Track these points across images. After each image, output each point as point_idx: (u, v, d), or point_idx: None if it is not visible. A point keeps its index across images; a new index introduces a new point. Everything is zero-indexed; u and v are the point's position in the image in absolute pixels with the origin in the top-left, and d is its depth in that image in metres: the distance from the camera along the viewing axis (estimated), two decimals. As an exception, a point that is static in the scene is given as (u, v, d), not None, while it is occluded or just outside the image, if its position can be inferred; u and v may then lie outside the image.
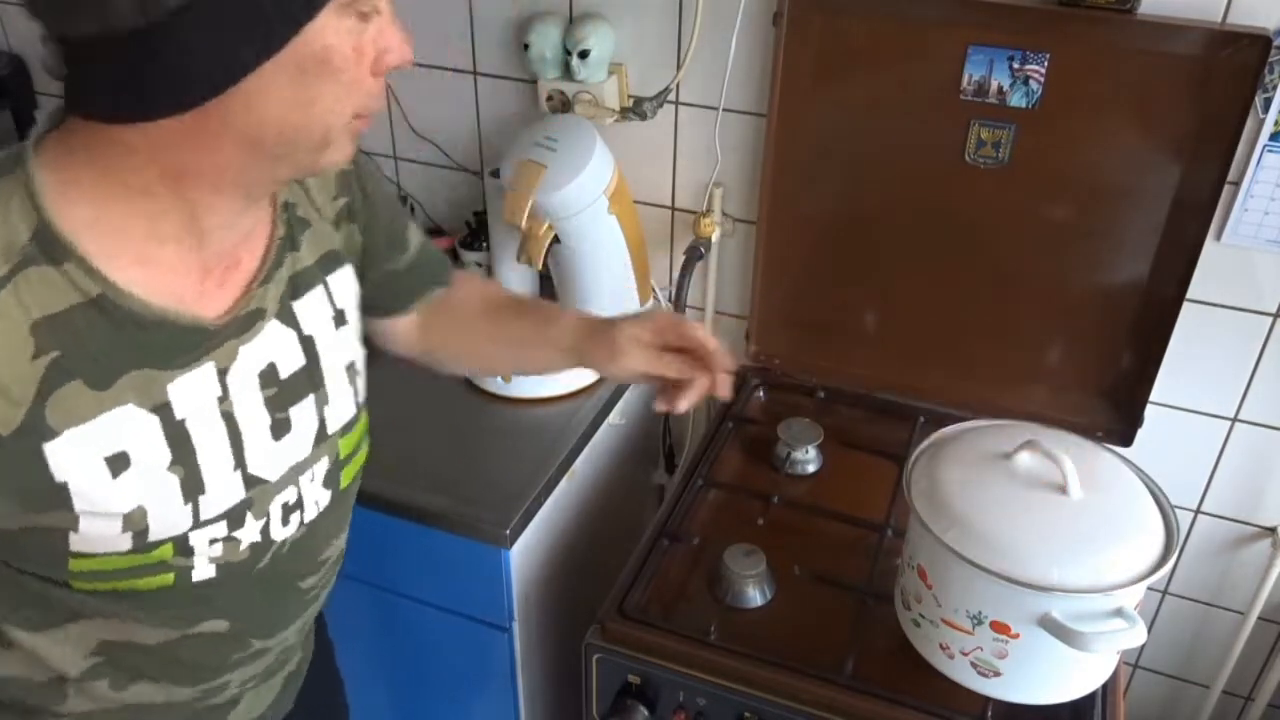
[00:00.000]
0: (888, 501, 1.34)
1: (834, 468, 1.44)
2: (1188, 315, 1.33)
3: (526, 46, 1.48)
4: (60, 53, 0.65)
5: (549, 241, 1.40)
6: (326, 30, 0.65)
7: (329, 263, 0.88)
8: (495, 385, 1.43)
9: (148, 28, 0.60)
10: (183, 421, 0.74)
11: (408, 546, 1.33)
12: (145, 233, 0.70)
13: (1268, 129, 1.23)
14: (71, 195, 0.67)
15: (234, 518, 0.79)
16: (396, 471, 1.29)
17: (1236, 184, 1.28)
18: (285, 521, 0.85)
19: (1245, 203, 1.29)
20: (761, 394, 1.59)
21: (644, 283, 1.52)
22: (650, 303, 1.47)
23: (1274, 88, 1.20)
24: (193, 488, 0.76)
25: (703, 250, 1.53)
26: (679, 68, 1.46)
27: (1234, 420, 1.44)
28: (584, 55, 1.43)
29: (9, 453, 0.66)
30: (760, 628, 1.18)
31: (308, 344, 0.84)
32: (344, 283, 0.90)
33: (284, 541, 0.85)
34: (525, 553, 1.30)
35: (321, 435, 0.86)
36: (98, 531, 0.72)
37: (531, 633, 1.39)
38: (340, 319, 0.88)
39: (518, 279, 1.58)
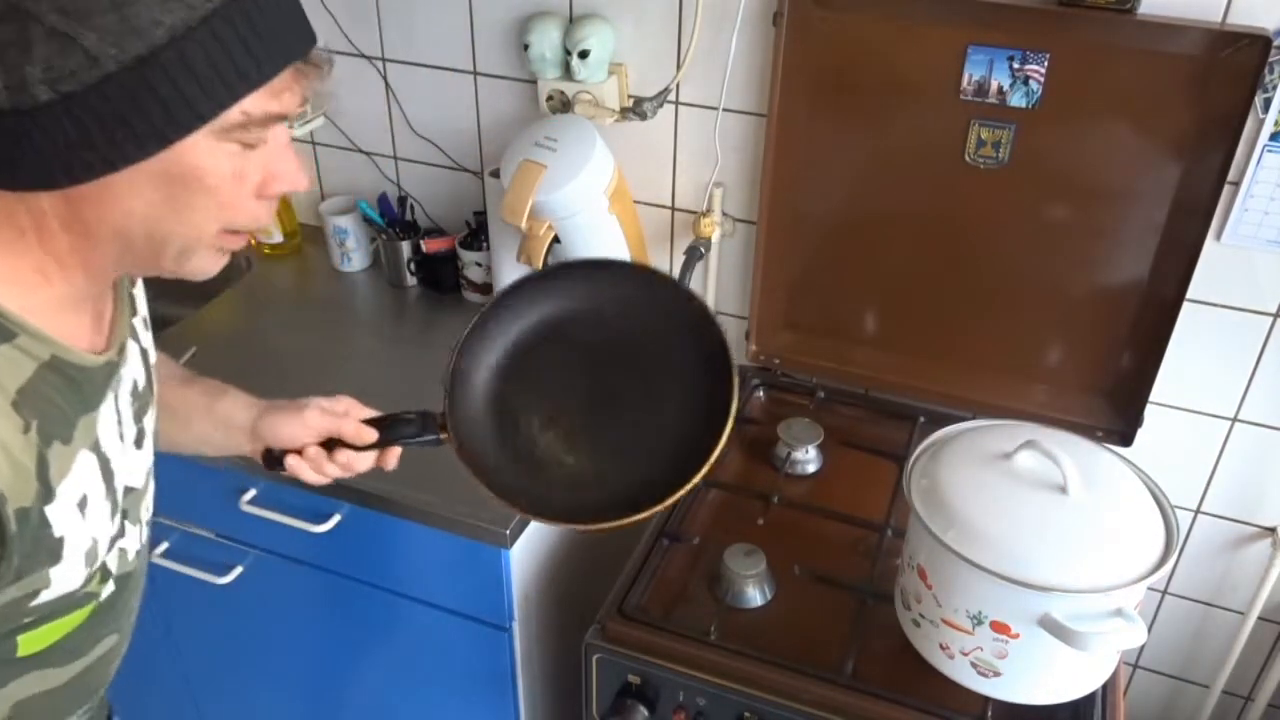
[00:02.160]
0: (888, 501, 1.34)
1: (834, 468, 1.44)
2: (1188, 315, 1.32)
3: (526, 46, 1.48)
4: None
5: (549, 241, 1.40)
6: (199, 150, 0.66)
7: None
8: (495, 385, 1.43)
9: (13, 111, 0.62)
10: (105, 452, 0.77)
11: (408, 546, 1.33)
12: (46, 297, 0.72)
13: (1268, 129, 1.23)
14: None
15: (121, 529, 0.82)
16: (397, 471, 1.28)
17: (1236, 184, 1.27)
18: (147, 524, 0.89)
19: (1245, 203, 1.29)
20: (761, 394, 1.59)
21: (644, 283, 1.51)
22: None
23: (1274, 88, 1.20)
24: (112, 509, 0.79)
25: (703, 250, 1.53)
26: (679, 68, 1.46)
27: (1234, 420, 1.44)
28: (584, 55, 1.43)
29: (32, 523, 0.68)
30: (760, 628, 1.18)
31: (144, 356, 0.88)
32: (140, 291, 0.92)
33: (145, 542, 0.89)
34: (525, 553, 1.30)
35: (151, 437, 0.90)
36: (65, 579, 0.74)
37: (531, 633, 1.39)
38: (146, 324, 0.91)
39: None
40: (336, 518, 1.32)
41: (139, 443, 0.85)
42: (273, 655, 1.58)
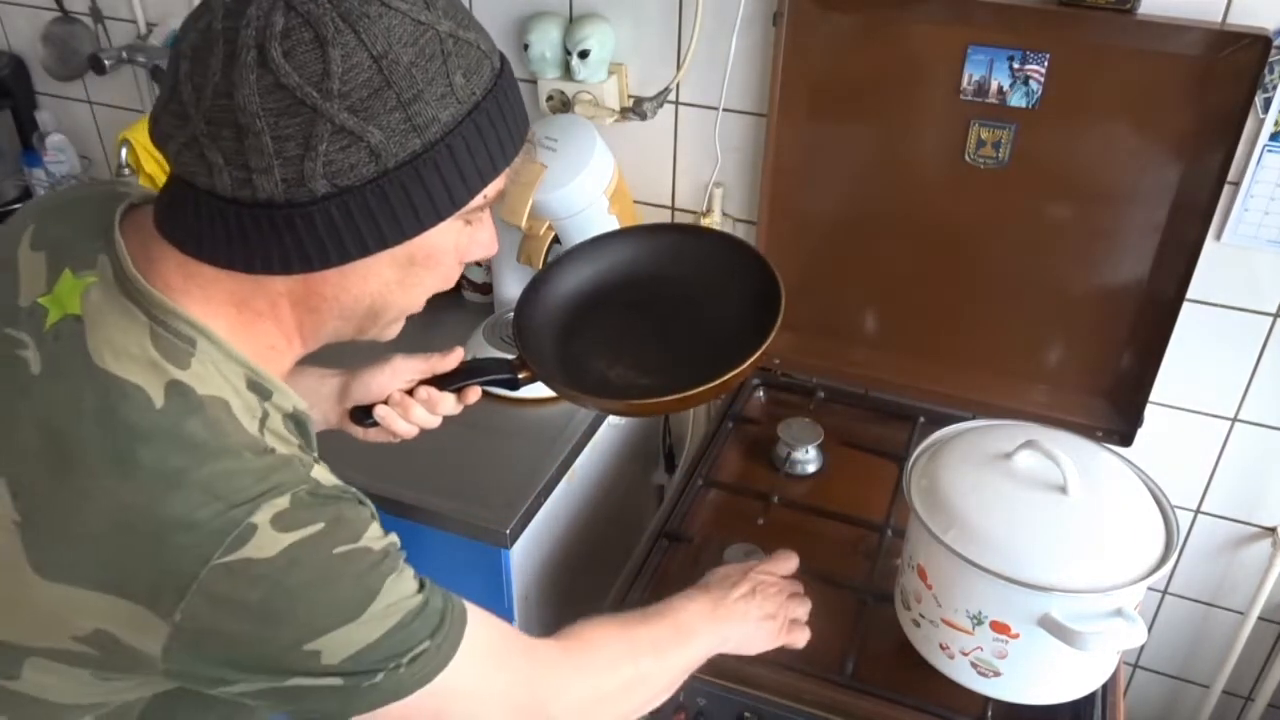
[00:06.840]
0: (888, 501, 1.34)
1: (834, 468, 1.44)
2: (1188, 315, 1.32)
3: (526, 46, 1.48)
4: (179, 193, 0.68)
5: (549, 241, 1.40)
6: (440, 232, 0.72)
7: None
8: (495, 385, 1.43)
9: (286, 204, 0.64)
10: None
11: (408, 546, 1.32)
12: (276, 366, 0.77)
13: (1268, 129, 1.24)
14: (239, 338, 0.73)
15: None
16: (397, 472, 1.28)
17: (1236, 184, 1.28)
18: None
19: (1245, 203, 1.29)
20: (761, 394, 1.59)
21: (644, 283, 1.52)
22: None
23: (1274, 88, 1.20)
24: None
25: (703, 250, 1.53)
26: (679, 68, 1.47)
27: (1234, 420, 1.44)
28: (584, 55, 1.43)
29: None
30: (760, 628, 1.18)
31: None
32: None
33: None
34: (525, 553, 1.30)
35: None
36: None
37: (531, 633, 1.38)
38: None
39: (517, 279, 1.58)
40: (336, 518, 1.32)
41: None
42: (273, 655, 1.58)
